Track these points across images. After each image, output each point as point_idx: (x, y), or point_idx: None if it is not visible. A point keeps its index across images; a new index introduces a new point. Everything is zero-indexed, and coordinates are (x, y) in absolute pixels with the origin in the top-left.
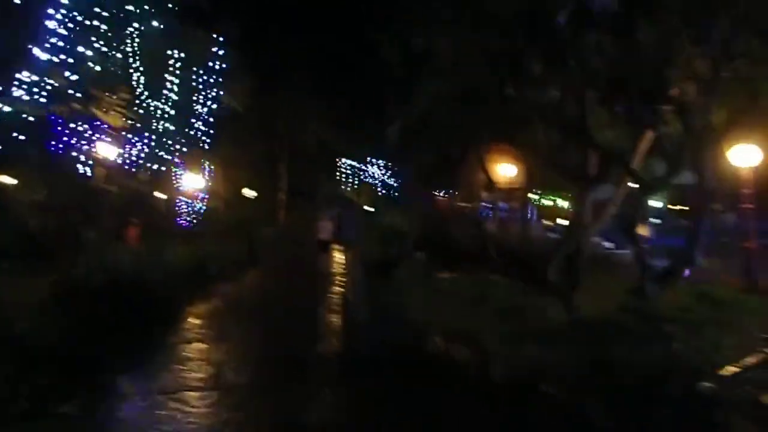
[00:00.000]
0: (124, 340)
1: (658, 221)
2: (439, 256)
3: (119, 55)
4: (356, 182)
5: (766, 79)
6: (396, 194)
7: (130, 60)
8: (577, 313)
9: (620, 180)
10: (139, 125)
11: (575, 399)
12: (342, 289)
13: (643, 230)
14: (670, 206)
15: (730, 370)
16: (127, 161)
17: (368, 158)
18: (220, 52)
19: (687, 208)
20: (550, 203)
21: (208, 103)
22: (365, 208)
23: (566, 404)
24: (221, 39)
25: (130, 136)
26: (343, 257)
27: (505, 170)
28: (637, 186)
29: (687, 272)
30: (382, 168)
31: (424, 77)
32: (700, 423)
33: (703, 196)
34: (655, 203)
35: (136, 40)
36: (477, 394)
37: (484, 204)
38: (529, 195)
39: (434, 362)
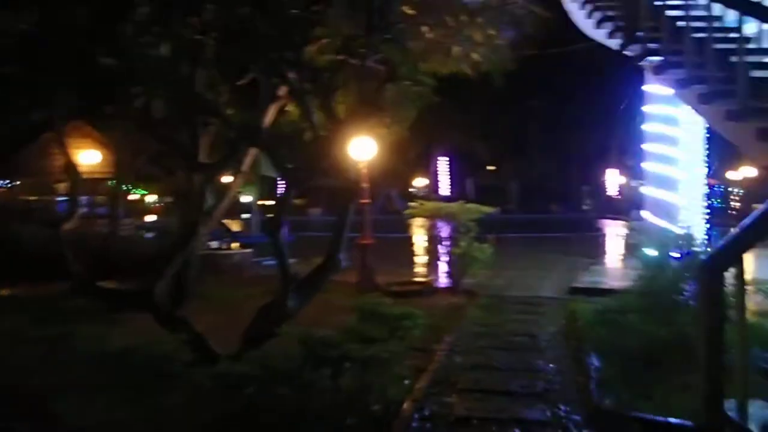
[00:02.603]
0: None
1: (248, 216)
2: None
3: None
4: None
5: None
6: None
7: None
8: (211, 355)
9: (238, 166)
10: None
11: None
12: None
13: (236, 226)
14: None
15: (409, 407)
16: None
17: None
18: None
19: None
20: (140, 197)
21: None
22: None
23: None
24: None
25: None
26: None
27: (89, 156)
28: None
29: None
30: None
31: None
32: None
33: (347, 191)
34: (245, 198)
35: None
36: None
37: (61, 198)
38: (120, 187)
39: None
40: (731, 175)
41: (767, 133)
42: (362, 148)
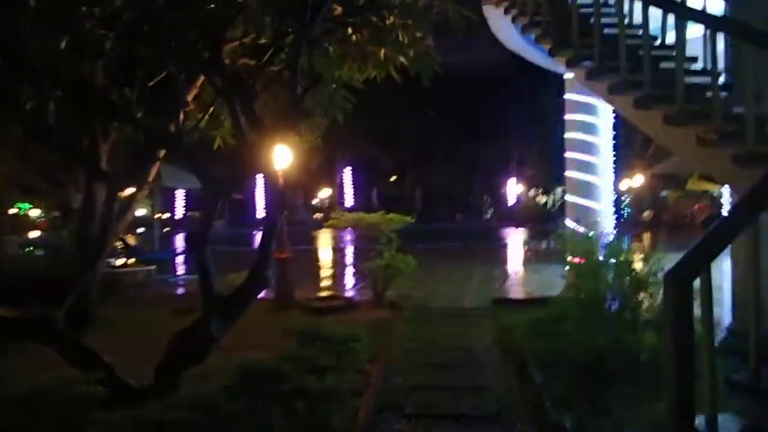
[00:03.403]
0: None
1: (143, 230)
2: None
3: None
4: None
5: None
6: None
7: None
8: (130, 393)
9: (146, 176)
10: None
11: None
12: None
13: (132, 240)
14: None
15: None
16: None
17: None
18: None
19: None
20: (24, 212)
21: None
22: None
23: None
24: None
25: None
26: None
27: None
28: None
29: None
30: None
31: None
32: None
33: (276, 202)
34: (140, 211)
35: None
36: None
37: None
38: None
39: None
40: (621, 184)
41: (705, 140)
42: (281, 157)
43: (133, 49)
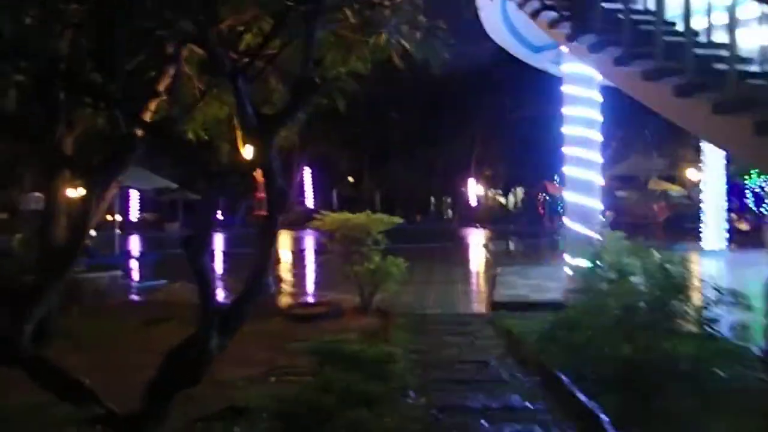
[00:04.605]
0: None
1: (94, 233)
2: None
3: None
4: None
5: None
6: None
7: None
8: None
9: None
10: None
11: None
12: None
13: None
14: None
15: None
16: None
17: None
18: None
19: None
20: None
21: None
22: None
23: None
24: None
25: None
26: None
27: None
28: None
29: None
30: None
31: None
32: None
33: (276, 201)
34: None
35: None
36: None
37: None
38: None
39: None
40: None
41: None
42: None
43: (113, 20)
